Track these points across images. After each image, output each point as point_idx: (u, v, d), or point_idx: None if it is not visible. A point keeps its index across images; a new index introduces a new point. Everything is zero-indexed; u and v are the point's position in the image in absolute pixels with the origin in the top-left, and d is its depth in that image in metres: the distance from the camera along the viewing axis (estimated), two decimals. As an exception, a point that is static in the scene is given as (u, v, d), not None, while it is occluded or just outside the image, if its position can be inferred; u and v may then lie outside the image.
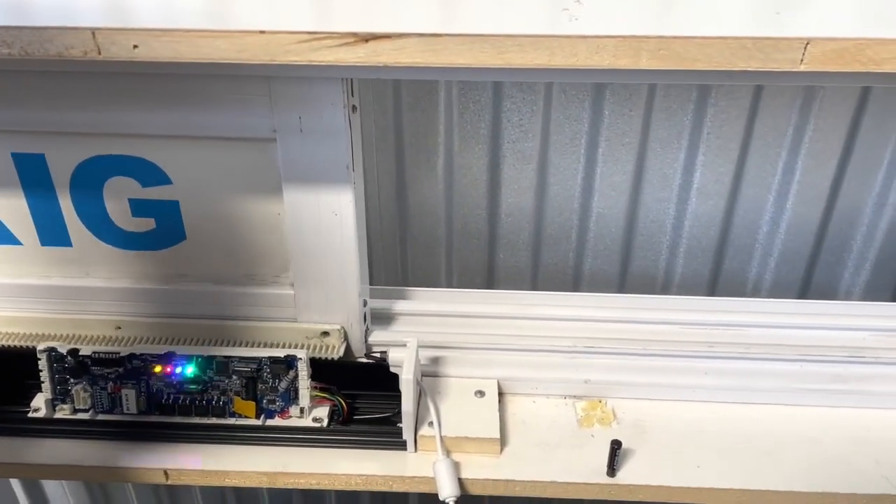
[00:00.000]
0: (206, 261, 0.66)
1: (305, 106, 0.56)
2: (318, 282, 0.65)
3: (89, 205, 0.63)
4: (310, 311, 0.67)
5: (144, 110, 0.57)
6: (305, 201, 0.61)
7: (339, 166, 0.59)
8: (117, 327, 0.69)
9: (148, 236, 0.65)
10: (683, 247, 0.94)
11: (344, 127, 0.57)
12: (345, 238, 0.63)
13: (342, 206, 0.61)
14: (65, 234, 0.65)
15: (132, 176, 0.62)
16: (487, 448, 0.64)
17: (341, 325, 0.67)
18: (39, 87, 0.56)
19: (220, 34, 0.43)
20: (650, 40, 0.42)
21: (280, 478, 0.63)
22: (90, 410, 0.65)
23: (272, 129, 0.57)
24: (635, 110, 0.84)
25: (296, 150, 0.58)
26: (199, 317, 0.68)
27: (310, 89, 0.55)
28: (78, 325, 0.69)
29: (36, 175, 0.62)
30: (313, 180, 0.60)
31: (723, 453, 0.65)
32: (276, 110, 0.56)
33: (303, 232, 0.63)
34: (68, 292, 0.68)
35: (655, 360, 0.70)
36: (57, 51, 0.44)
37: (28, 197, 0.63)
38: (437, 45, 0.43)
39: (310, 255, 0.64)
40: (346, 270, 0.64)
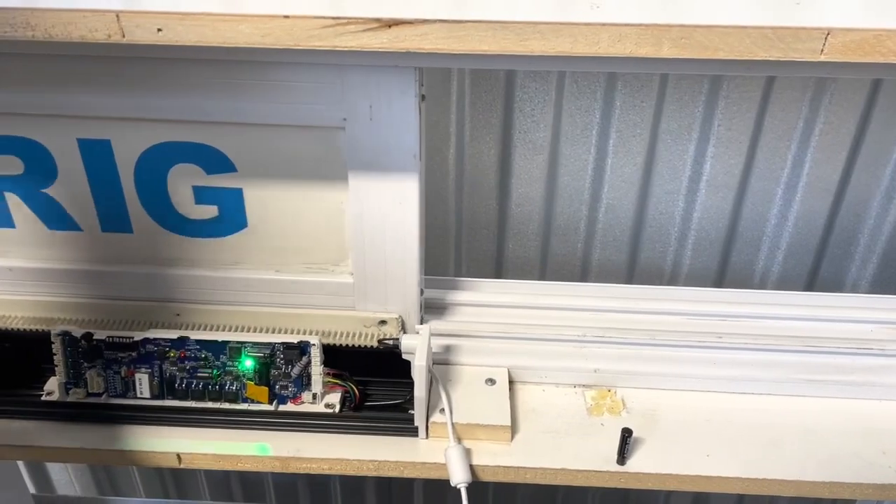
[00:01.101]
0: (266, 249, 0.66)
1: (377, 94, 0.56)
2: (378, 271, 0.65)
3: (152, 191, 0.64)
4: (368, 300, 0.67)
5: (212, 98, 0.57)
6: (370, 190, 0.61)
7: (406, 155, 0.59)
8: (176, 314, 0.69)
9: (210, 224, 0.65)
10: (692, 238, 0.95)
11: (414, 116, 0.57)
12: (407, 227, 0.63)
13: (407, 194, 0.61)
14: (126, 220, 0.65)
15: (197, 163, 0.62)
16: (498, 435, 0.64)
17: (399, 313, 0.67)
18: (106, 73, 0.56)
19: (243, 18, 0.43)
20: (672, 29, 0.42)
21: (292, 463, 0.63)
22: (103, 394, 0.65)
23: (342, 117, 0.57)
24: (647, 101, 0.84)
25: (364, 138, 0.58)
26: (257, 304, 0.68)
27: (382, 78, 0.55)
28: (138, 312, 0.69)
29: (101, 161, 0.62)
30: (380, 169, 0.60)
31: (731, 442, 0.65)
32: (347, 98, 0.56)
33: (366, 221, 0.63)
34: (128, 279, 0.68)
35: (664, 350, 0.70)
36: (80, 34, 0.45)
37: (91, 183, 0.63)
38: (461, 32, 0.43)
39: (371, 243, 0.64)
40: (407, 259, 0.64)
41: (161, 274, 0.67)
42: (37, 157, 0.62)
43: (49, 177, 0.63)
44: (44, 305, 0.69)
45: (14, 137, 0.61)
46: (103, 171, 0.62)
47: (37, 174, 0.63)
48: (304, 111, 0.57)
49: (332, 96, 0.56)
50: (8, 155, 0.62)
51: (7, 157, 0.62)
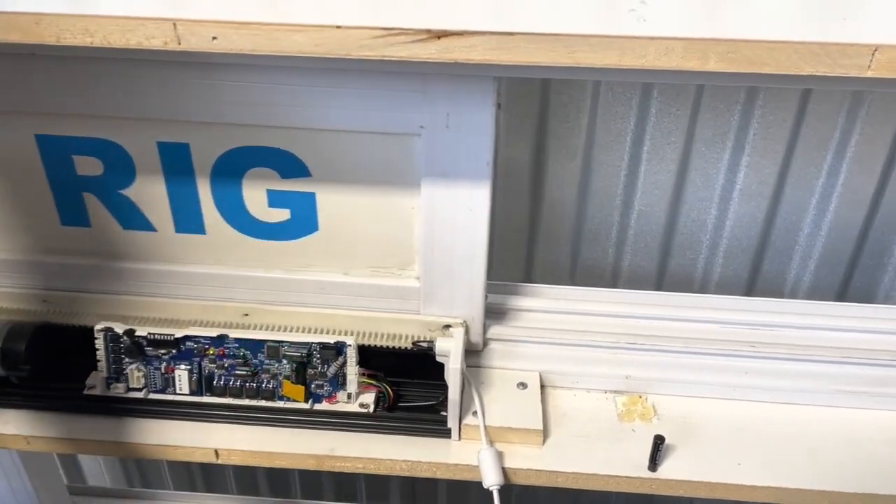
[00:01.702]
0: (335, 252, 0.67)
1: (456, 103, 0.57)
2: (445, 276, 0.66)
3: (227, 194, 0.65)
4: (433, 305, 0.68)
5: (291, 103, 0.58)
6: (442, 196, 0.62)
7: (480, 163, 0.59)
8: (245, 314, 0.70)
9: (282, 227, 0.66)
10: (723, 247, 0.95)
11: (490, 124, 0.57)
12: (477, 233, 0.63)
13: (478, 201, 0.62)
14: (200, 222, 0.66)
15: (273, 167, 0.63)
16: (530, 439, 0.65)
17: (464, 318, 0.68)
18: (186, 78, 0.58)
19: (297, 28, 0.44)
20: (719, 43, 0.43)
21: (327, 461, 0.64)
22: (143, 390, 0.67)
23: (419, 125, 0.58)
24: (682, 110, 0.84)
25: (439, 145, 0.59)
26: (325, 306, 0.69)
27: (461, 87, 0.56)
28: (207, 312, 0.70)
29: (179, 164, 0.63)
30: (453, 176, 0.60)
31: (763, 452, 0.65)
32: (425, 107, 0.57)
33: (436, 226, 0.64)
34: (199, 279, 0.69)
35: (697, 357, 0.70)
36: (137, 40, 0.46)
37: (168, 185, 0.64)
38: (509, 44, 0.44)
39: (440, 249, 0.65)
40: (474, 265, 0.65)
41: (231, 275, 0.69)
42: (117, 159, 0.64)
43: (127, 178, 0.64)
44: (113, 303, 0.71)
45: (96, 139, 0.62)
46: (180, 173, 0.64)
47: (116, 175, 0.64)
48: (381, 118, 0.59)
49: (410, 104, 0.57)
50: (89, 156, 0.63)
51: (88, 158, 0.64)
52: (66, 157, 0.64)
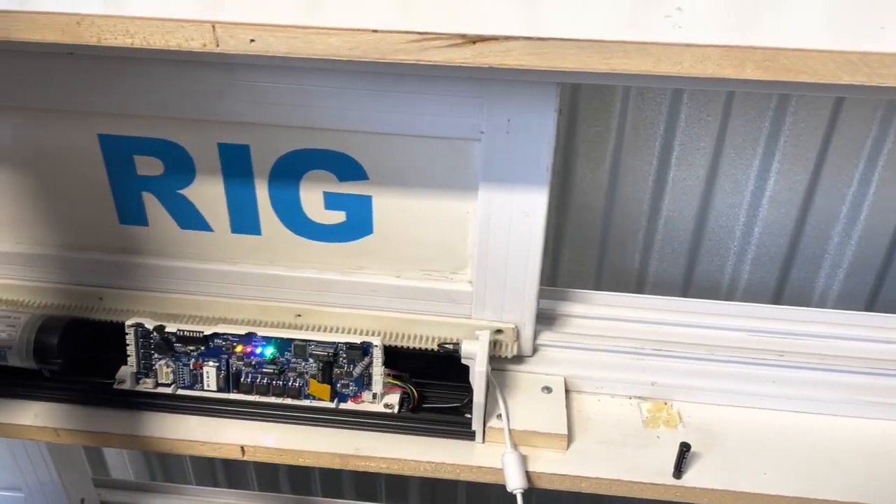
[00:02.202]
0: (389, 255, 0.68)
1: (517, 108, 0.57)
2: (498, 280, 0.66)
3: (284, 196, 0.65)
4: (485, 309, 0.68)
5: (351, 107, 0.59)
6: (499, 201, 0.62)
7: (539, 168, 0.60)
8: (297, 315, 0.70)
9: (337, 229, 0.67)
10: (751, 254, 0.94)
11: (551, 129, 0.58)
12: (532, 239, 0.63)
13: (535, 206, 0.62)
14: (256, 222, 0.67)
15: (330, 170, 0.64)
16: (554, 443, 0.65)
17: (515, 324, 0.68)
18: (247, 80, 0.58)
19: (333, 31, 0.45)
20: (756, 51, 0.42)
21: (352, 460, 0.65)
22: (172, 385, 0.68)
23: (479, 129, 0.59)
24: (713, 115, 0.84)
25: (499, 150, 0.59)
26: (376, 308, 0.70)
27: (524, 92, 0.56)
28: (260, 312, 0.71)
29: (238, 165, 0.64)
30: (511, 181, 0.61)
31: (789, 461, 0.65)
32: (487, 112, 0.57)
33: (491, 231, 0.64)
34: (253, 279, 0.70)
35: (723, 365, 0.70)
36: (177, 42, 0.46)
37: (227, 185, 0.65)
38: (544, 49, 0.44)
39: (494, 253, 0.65)
40: (528, 270, 0.65)
41: (285, 276, 0.69)
42: (177, 160, 0.64)
43: (187, 179, 0.65)
44: (167, 302, 0.72)
45: (157, 139, 0.64)
46: (239, 174, 0.64)
47: (176, 176, 0.65)
48: (442, 123, 0.59)
49: (471, 110, 0.58)
50: (150, 156, 0.65)
51: (149, 158, 0.65)
52: (127, 156, 0.65)
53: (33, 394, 0.69)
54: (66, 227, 0.70)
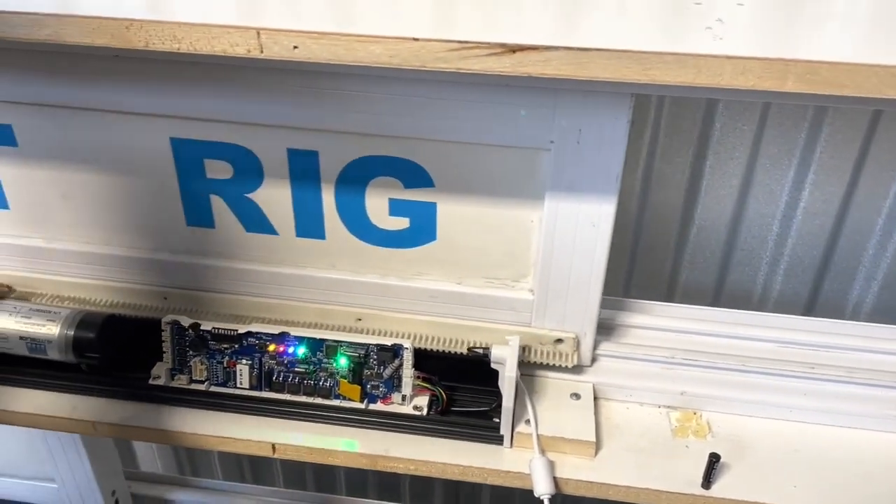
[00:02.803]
0: (450, 262, 0.68)
1: (589, 118, 0.57)
2: (560, 289, 0.66)
3: (350, 201, 0.66)
4: (546, 318, 0.68)
5: (422, 115, 0.59)
6: (566, 210, 0.62)
7: (609, 178, 0.59)
8: (358, 319, 0.71)
9: (400, 235, 0.68)
10: (784, 264, 0.93)
11: (623, 140, 0.57)
12: (598, 249, 0.63)
13: (602, 217, 0.61)
14: (321, 227, 0.68)
15: (397, 177, 0.64)
16: (582, 450, 0.65)
17: (576, 333, 0.68)
18: (318, 87, 0.59)
19: (375, 39, 0.46)
20: (798, 64, 0.42)
21: (380, 461, 0.65)
22: (205, 382, 0.69)
23: (549, 139, 0.58)
24: (748, 125, 0.83)
25: (569, 160, 0.59)
26: (436, 314, 0.70)
27: (596, 103, 0.56)
28: (322, 315, 0.72)
29: (306, 170, 0.65)
30: (579, 190, 0.60)
31: (819, 475, 0.64)
32: (558, 122, 0.57)
33: (556, 240, 0.63)
34: (315, 282, 0.70)
35: (754, 376, 0.69)
36: (222, 48, 0.47)
37: (294, 190, 0.66)
38: (584, 59, 0.44)
39: (558, 262, 0.65)
40: (592, 280, 0.65)
41: (347, 280, 0.70)
42: (247, 164, 0.66)
43: (255, 183, 0.67)
44: (230, 303, 0.73)
45: (228, 144, 0.65)
46: (307, 180, 0.65)
47: (244, 180, 0.66)
48: (512, 132, 0.59)
49: (542, 119, 0.58)
50: (220, 160, 0.66)
51: (219, 162, 0.66)
52: (198, 160, 0.66)
53: (72, 387, 0.70)
54: (135, 227, 0.72)
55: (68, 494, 1.00)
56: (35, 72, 0.62)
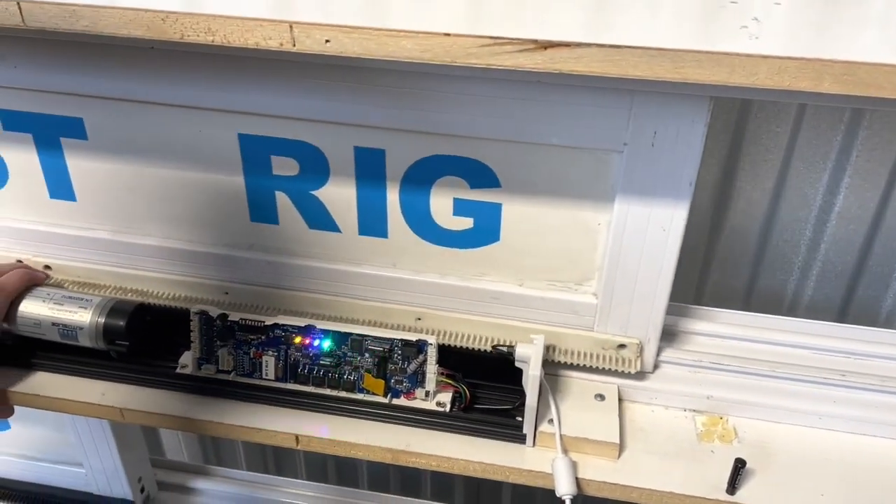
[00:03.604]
0: (513, 263, 0.68)
1: (665, 121, 0.56)
2: (625, 294, 0.65)
3: (414, 200, 0.66)
4: (609, 323, 0.67)
5: (491, 115, 0.59)
6: (636, 214, 0.61)
7: (682, 182, 0.58)
8: (417, 318, 0.71)
9: (463, 235, 0.67)
10: (817, 269, 0.92)
11: (699, 144, 0.56)
12: (667, 254, 0.62)
13: (674, 221, 0.60)
14: (383, 225, 0.68)
15: (463, 176, 0.64)
16: (606, 451, 0.65)
17: (639, 339, 0.67)
18: (387, 85, 0.59)
19: (407, 34, 0.46)
20: (835, 65, 0.42)
21: (402, 456, 0.66)
22: (232, 372, 0.69)
23: (623, 142, 0.57)
24: (782, 127, 0.82)
25: (641, 163, 0.58)
26: (496, 316, 0.70)
27: (674, 105, 0.55)
28: (381, 314, 0.71)
29: (372, 169, 0.65)
30: (651, 194, 0.59)
31: (848, 484, 0.63)
32: (633, 124, 0.56)
33: (624, 244, 0.63)
34: (376, 280, 0.70)
35: (783, 382, 0.68)
36: (255, 41, 0.48)
37: (359, 188, 0.66)
38: (616, 56, 0.44)
39: (625, 267, 0.64)
40: (659, 286, 0.64)
41: (408, 279, 0.70)
42: (313, 161, 0.66)
43: (321, 180, 0.67)
44: (291, 299, 0.73)
45: (295, 141, 0.65)
46: (372, 178, 0.65)
47: (310, 177, 0.66)
48: (584, 134, 0.58)
49: (616, 121, 0.57)
50: (287, 157, 0.66)
51: (286, 158, 0.66)
52: (265, 156, 0.66)
53: (101, 374, 0.72)
54: (199, 222, 0.72)
55: (96, 480, 1.02)
56: (107, 66, 0.63)
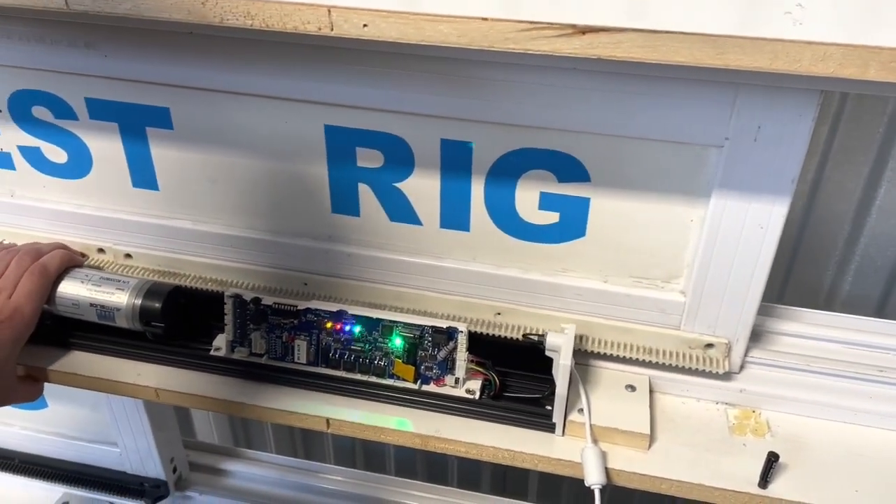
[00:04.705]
0: (598, 259, 0.66)
1: (770, 116, 0.54)
2: (716, 292, 0.64)
3: (499, 194, 0.65)
4: (697, 322, 0.66)
5: (585, 108, 0.58)
6: (733, 210, 0.59)
7: (784, 179, 0.57)
8: (497, 313, 0.70)
9: (547, 229, 0.66)
10: (855, 264, 0.90)
11: (805, 139, 0.54)
12: (763, 252, 0.61)
13: (772, 219, 0.59)
14: (466, 219, 0.67)
15: (551, 170, 0.62)
16: (636, 442, 0.64)
17: (728, 339, 0.66)
18: (474, 77, 0.58)
19: (444, 18, 0.46)
20: (882, 51, 0.41)
21: (432, 441, 0.66)
22: (264, 356, 0.70)
23: (724, 136, 0.56)
24: (822, 118, 0.80)
25: (742, 158, 0.57)
26: (578, 312, 0.69)
27: (780, 99, 0.53)
28: (460, 308, 0.71)
29: (458, 161, 0.64)
30: (750, 190, 0.58)
31: (883, 481, 0.62)
32: (737, 118, 0.55)
33: (719, 240, 0.61)
34: (456, 274, 0.70)
35: (818, 377, 0.67)
36: (294, 25, 0.48)
37: (443, 181, 0.66)
38: (656, 42, 0.43)
39: (717, 264, 0.62)
40: (752, 285, 0.63)
41: (488, 273, 0.69)
42: (398, 153, 0.65)
43: (405, 172, 0.66)
44: (368, 291, 0.73)
45: (380, 133, 0.64)
46: (458, 170, 0.65)
47: (394, 169, 0.66)
48: (683, 128, 0.57)
49: (719, 115, 0.55)
50: (372, 149, 0.66)
51: (371, 150, 0.66)
52: (350, 148, 0.66)
53: (137, 354, 0.73)
54: (280, 213, 0.72)
55: (129, 459, 1.04)
56: (197, 56, 0.63)
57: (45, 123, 0.73)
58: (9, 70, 0.70)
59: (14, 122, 0.73)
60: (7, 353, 0.65)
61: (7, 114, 0.73)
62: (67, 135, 0.73)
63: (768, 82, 0.51)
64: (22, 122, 0.73)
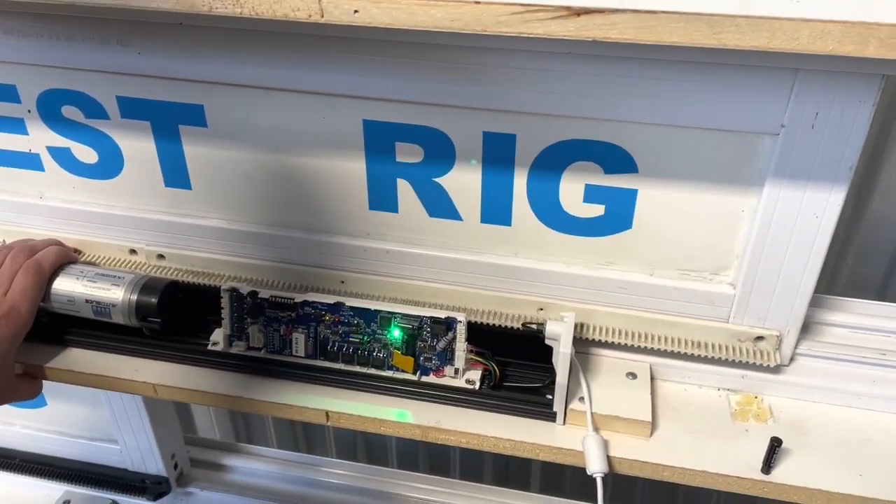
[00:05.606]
0: (644, 251, 0.65)
1: (829, 101, 0.52)
2: (767, 284, 0.62)
3: (543, 187, 0.63)
4: (746, 314, 0.64)
5: (632, 96, 0.56)
6: (788, 199, 0.58)
7: (841, 167, 0.55)
8: (539, 308, 0.69)
9: (592, 222, 0.65)
10: (855, 245, 0.89)
11: (865, 126, 0.53)
12: (817, 242, 0.59)
13: (828, 208, 0.57)
14: (508, 213, 0.66)
15: (597, 161, 0.61)
16: (637, 430, 0.64)
17: (779, 331, 0.65)
18: (516, 67, 0.57)
19: (436, 3, 0.45)
20: (881, 28, 0.40)
21: (432, 432, 0.65)
22: (262, 349, 0.70)
23: (780, 123, 0.54)
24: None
25: (798, 146, 0.55)
26: (623, 307, 0.67)
27: (841, 84, 0.51)
28: (501, 303, 0.70)
29: (501, 154, 0.63)
30: (806, 178, 0.56)
31: (888, 465, 0.62)
32: (794, 104, 0.53)
33: (772, 231, 0.60)
34: (496, 270, 0.69)
35: (820, 361, 0.67)
36: (284, 12, 0.47)
37: (485, 175, 0.64)
38: (652, 22, 0.42)
39: (769, 255, 0.61)
40: (805, 276, 0.61)
41: (530, 268, 0.68)
42: (439, 147, 0.64)
43: (445, 167, 0.65)
44: (406, 288, 0.72)
45: (420, 127, 0.63)
46: (500, 164, 0.63)
47: (434, 164, 0.65)
48: (737, 116, 0.55)
49: (775, 102, 0.54)
50: (412, 143, 0.64)
51: (410, 145, 0.64)
52: (389, 143, 0.65)
53: (134, 350, 0.72)
54: (316, 210, 0.71)
55: (130, 456, 1.04)
56: (231, 52, 0.62)
57: (75, 123, 0.71)
58: (38, 69, 0.68)
59: (43, 123, 0.72)
60: (5, 351, 0.65)
61: (36, 114, 0.72)
62: (98, 134, 0.72)
63: (827, 67, 0.50)
64: (51, 123, 0.72)
